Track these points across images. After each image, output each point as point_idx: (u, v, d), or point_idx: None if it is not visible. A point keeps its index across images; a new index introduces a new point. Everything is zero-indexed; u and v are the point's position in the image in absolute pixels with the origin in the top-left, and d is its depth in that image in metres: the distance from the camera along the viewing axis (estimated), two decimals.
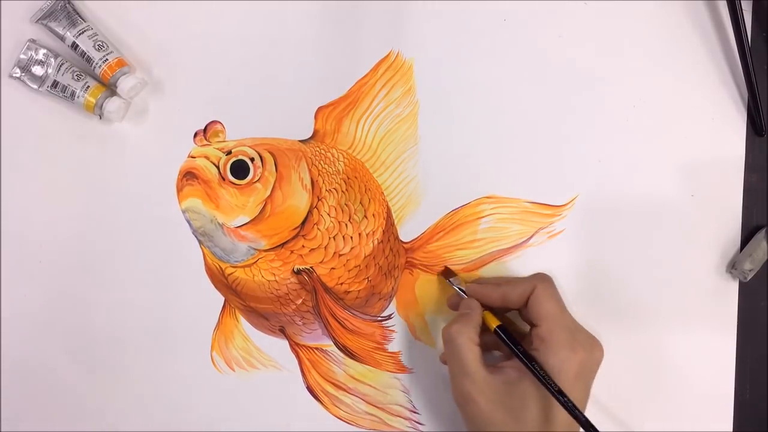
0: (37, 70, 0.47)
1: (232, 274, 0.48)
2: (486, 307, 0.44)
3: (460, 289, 0.46)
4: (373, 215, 0.49)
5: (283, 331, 0.49)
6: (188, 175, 0.48)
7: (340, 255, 0.48)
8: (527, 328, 0.44)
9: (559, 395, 0.39)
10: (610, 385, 0.48)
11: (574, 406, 0.39)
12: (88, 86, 0.47)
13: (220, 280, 0.49)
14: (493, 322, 0.43)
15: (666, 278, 0.48)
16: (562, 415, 0.39)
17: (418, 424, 0.49)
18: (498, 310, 0.45)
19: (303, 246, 0.48)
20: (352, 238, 0.48)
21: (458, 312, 0.45)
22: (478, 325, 0.43)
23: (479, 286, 0.45)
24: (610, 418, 0.48)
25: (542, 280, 0.43)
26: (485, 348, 0.43)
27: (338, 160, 0.49)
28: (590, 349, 0.41)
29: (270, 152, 0.48)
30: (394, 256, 0.49)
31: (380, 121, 0.49)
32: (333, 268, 0.48)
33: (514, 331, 0.44)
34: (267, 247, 0.48)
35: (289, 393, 0.49)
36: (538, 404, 0.40)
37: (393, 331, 0.49)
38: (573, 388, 0.40)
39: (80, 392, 0.49)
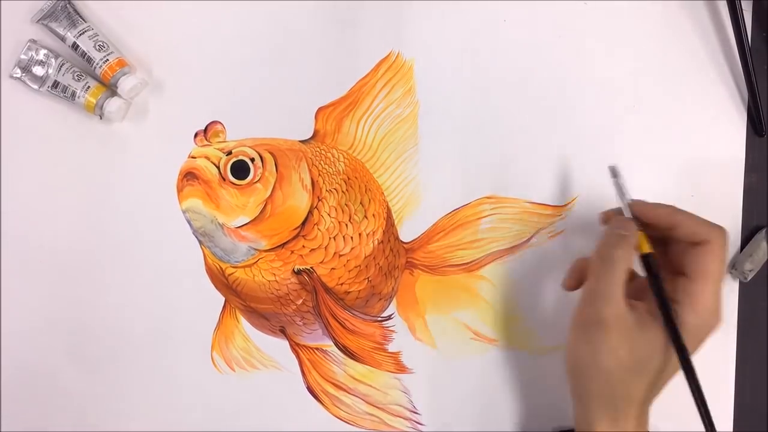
0: (38, 70, 0.47)
1: (232, 274, 0.48)
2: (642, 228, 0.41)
3: (624, 196, 0.43)
4: (374, 215, 0.49)
5: (283, 332, 0.49)
6: (189, 176, 0.48)
7: (340, 255, 0.48)
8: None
9: (686, 363, 0.38)
10: None
11: (696, 379, 0.38)
12: (89, 86, 0.47)
13: (220, 280, 0.49)
14: (646, 248, 0.41)
15: None
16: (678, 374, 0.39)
17: (418, 425, 0.49)
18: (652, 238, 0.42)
19: (303, 246, 0.48)
20: (352, 238, 0.48)
21: (613, 230, 0.41)
22: (633, 250, 0.40)
23: (650, 203, 0.42)
24: None
25: (720, 235, 0.40)
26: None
27: (338, 161, 0.49)
28: (718, 323, 0.40)
29: (270, 152, 0.48)
30: (395, 256, 0.49)
31: (380, 121, 0.49)
32: (333, 269, 0.48)
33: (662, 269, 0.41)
34: (267, 248, 0.48)
35: (289, 393, 0.49)
36: (662, 357, 0.39)
37: (393, 331, 0.49)
38: (693, 353, 0.39)
39: (80, 392, 0.49)
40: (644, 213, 0.42)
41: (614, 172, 0.44)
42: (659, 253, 0.41)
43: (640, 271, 0.41)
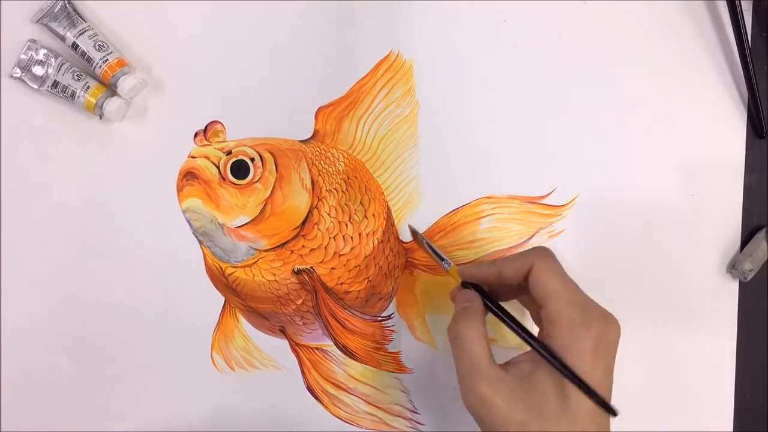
0: (38, 70, 0.47)
1: (232, 274, 0.48)
2: (485, 295, 0.40)
3: (434, 251, 0.43)
4: (373, 215, 0.49)
5: (283, 331, 0.49)
6: (188, 175, 0.48)
7: (340, 255, 0.48)
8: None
9: (572, 375, 0.35)
10: None
11: (586, 385, 0.35)
12: (89, 86, 0.47)
13: (220, 280, 0.49)
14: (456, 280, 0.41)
15: (666, 278, 0.48)
16: (584, 402, 0.35)
17: (418, 424, 0.49)
18: (501, 298, 0.41)
19: (303, 246, 0.48)
20: (352, 238, 0.48)
21: (457, 307, 0.40)
22: (482, 316, 0.39)
23: (472, 266, 0.41)
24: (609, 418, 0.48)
25: (540, 254, 0.39)
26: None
27: (338, 160, 0.49)
28: (604, 323, 0.37)
29: (270, 152, 0.48)
30: (395, 256, 0.49)
31: (380, 121, 0.49)
32: (333, 268, 0.48)
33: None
34: (267, 247, 0.48)
35: (289, 393, 0.49)
36: (557, 393, 0.36)
37: (393, 331, 0.49)
38: (592, 367, 0.35)
39: (80, 392, 0.49)
40: (472, 277, 0.41)
41: (413, 233, 0.44)
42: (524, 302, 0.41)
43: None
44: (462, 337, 0.38)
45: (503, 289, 0.41)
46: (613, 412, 0.35)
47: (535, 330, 0.39)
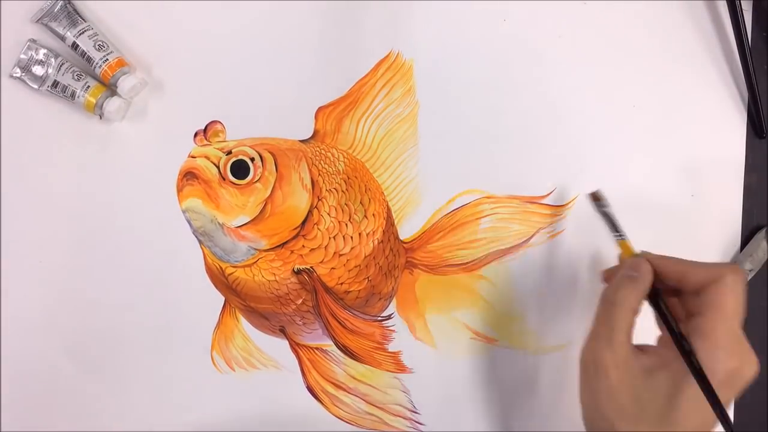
0: (38, 69, 0.47)
1: (232, 274, 0.48)
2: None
3: (613, 224, 0.42)
4: (373, 215, 0.49)
5: (283, 331, 0.49)
6: (188, 175, 0.48)
7: (340, 255, 0.48)
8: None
9: (711, 395, 0.35)
10: None
11: (723, 410, 0.35)
12: (89, 86, 0.47)
13: (220, 280, 0.49)
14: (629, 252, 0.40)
15: None
16: (686, 419, 0.36)
17: (418, 424, 0.49)
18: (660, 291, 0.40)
19: (303, 246, 0.48)
20: (352, 238, 0.48)
21: (622, 272, 0.39)
22: (645, 293, 0.38)
23: (658, 256, 0.40)
24: None
25: (734, 271, 0.38)
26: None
27: (338, 160, 0.49)
28: (748, 361, 0.37)
29: (270, 152, 0.48)
30: (395, 256, 0.49)
31: (380, 121, 0.49)
32: (333, 268, 0.48)
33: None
34: (267, 247, 0.48)
35: (289, 393, 0.49)
36: (666, 402, 0.36)
37: (393, 331, 0.49)
38: (717, 389, 0.35)
39: (80, 392, 0.49)
40: (652, 262, 0.40)
41: (598, 200, 0.43)
42: (673, 303, 0.40)
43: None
44: (615, 302, 0.37)
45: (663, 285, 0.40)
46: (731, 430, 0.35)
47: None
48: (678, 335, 0.37)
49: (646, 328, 0.40)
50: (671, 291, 0.40)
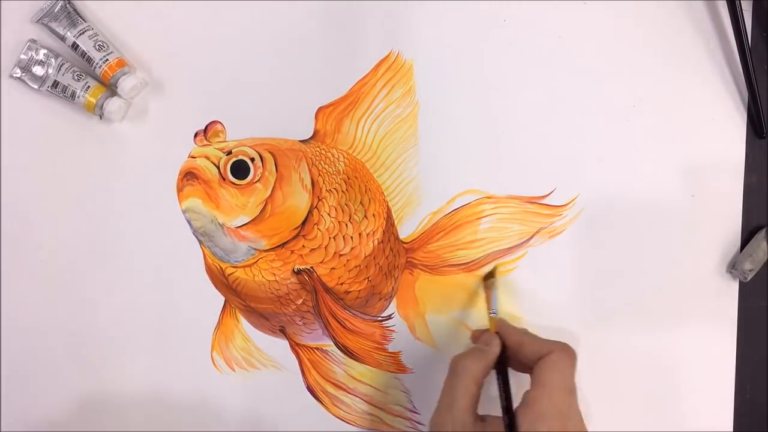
0: (38, 70, 0.47)
1: (232, 274, 0.48)
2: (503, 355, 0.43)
3: (491, 309, 0.46)
4: (374, 215, 0.49)
5: (283, 331, 0.49)
6: (188, 175, 0.48)
7: (340, 255, 0.48)
8: None
9: None
10: (610, 384, 0.48)
11: None
12: (89, 86, 0.47)
13: (220, 280, 0.49)
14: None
15: (666, 278, 0.48)
16: None
17: (418, 424, 0.49)
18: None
19: (303, 246, 0.48)
20: (352, 238, 0.48)
21: (475, 345, 0.43)
22: (488, 366, 0.41)
23: (507, 323, 0.44)
24: (610, 418, 0.48)
25: (562, 349, 0.40)
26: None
27: (338, 160, 0.49)
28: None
29: (270, 152, 0.48)
30: (395, 256, 0.49)
31: (380, 121, 0.49)
32: (333, 268, 0.48)
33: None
34: (267, 247, 0.48)
35: (289, 393, 0.49)
36: None
37: (393, 331, 0.49)
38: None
39: (80, 392, 0.49)
40: (502, 331, 0.43)
41: (488, 283, 0.47)
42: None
43: None
44: (457, 375, 0.40)
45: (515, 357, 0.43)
46: None
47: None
48: (503, 403, 0.40)
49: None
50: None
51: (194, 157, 0.48)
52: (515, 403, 0.40)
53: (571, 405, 0.39)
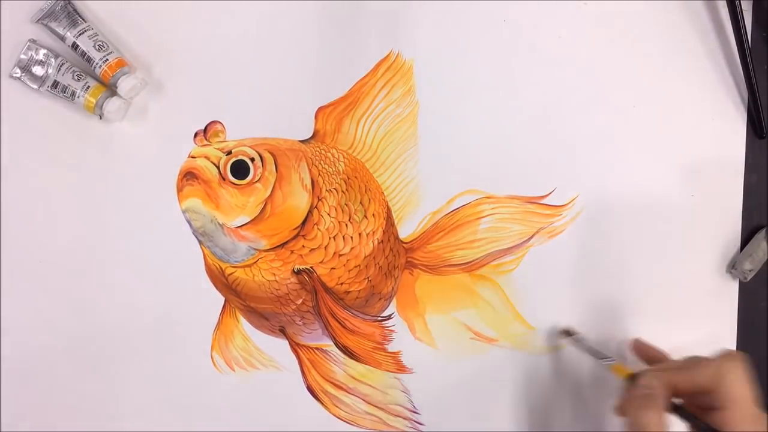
0: (38, 70, 0.47)
1: (232, 274, 0.48)
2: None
3: (598, 352, 0.44)
4: (373, 215, 0.49)
5: (283, 331, 0.49)
6: (188, 175, 0.48)
7: (340, 255, 0.48)
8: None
9: None
10: (610, 384, 0.48)
11: None
12: (89, 86, 0.47)
13: (220, 280, 0.49)
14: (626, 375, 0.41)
15: (666, 278, 0.48)
16: None
17: (418, 424, 0.49)
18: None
19: (303, 246, 0.48)
20: (352, 238, 0.48)
21: (638, 393, 0.40)
22: (664, 407, 0.39)
23: (662, 367, 0.41)
24: (610, 418, 0.48)
25: (732, 358, 0.39)
26: None
27: (338, 160, 0.49)
28: None
29: (270, 152, 0.48)
30: (395, 256, 0.49)
31: (380, 121, 0.49)
32: (333, 268, 0.48)
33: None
34: (267, 247, 0.48)
35: (289, 393, 0.49)
36: None
37: (393, 331, 0.49)
38: None
39: (80, 392, 0.49)
40: (661, 378, 0.40)
41: (571, 334, 0.46)
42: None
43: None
44: (643, 425, 0.38)
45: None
46: None
47: None
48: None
49: None
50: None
51: (194, 157, 0.48)
52: None
53: (757, 405, 0.38)
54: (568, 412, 0.49)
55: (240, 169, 0.47)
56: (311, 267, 0.48)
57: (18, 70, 0.47)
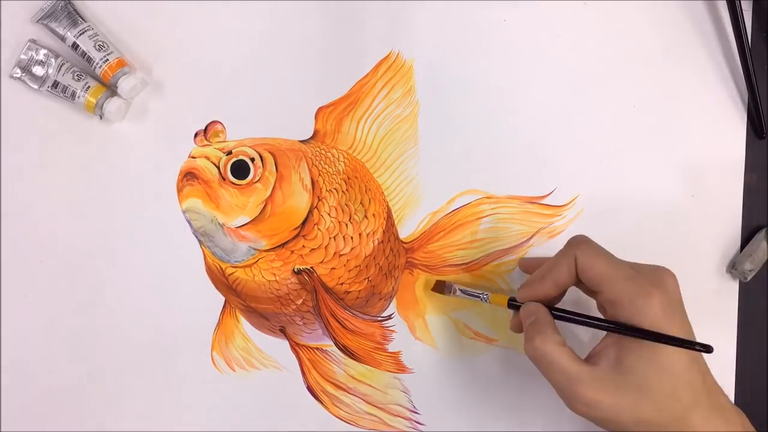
0: (38, 70, 0.47)
1: (232, 274, 0.48)
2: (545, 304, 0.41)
3: (467, 292, 0.46)
4: (374, 215, 0.49)
5: (283, 331, 0.49)
6: (188, 176, 0.48)
7: (340, 255, 0.48)
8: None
9: (658, 336, 0.36)
10: None
11: (673, 338, 0.36)
12: (89, 86, 0.47)
13: (220, 280, 0.49)
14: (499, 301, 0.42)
15: None
16: (677, 360, 0.36)
17: (418, 424, 0.49)
18: (553, 301, 0.42)
19: (303, 246, 0.48)
20: (352, 238, 0.48)
21: (526, 323, 0.40)
22: (553, 325, 0.39)
23: (527, 288, 0.41)
24: None
25: (577, 245, 0.40)
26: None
27: (338, 161, 0.49)
28: (662, 282, 0.38)
29: (270, 152, 0.48)
30: (395, 256, 0.49)
31: (380, 121, 0.49)
32: (333, 268, 0.48)
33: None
34: (267, 247, 0.48)
35: (289, 393, 0.49)
36: (650, 363, 0.36)
37: (393, 331, 0.49)
38: (669, 325, 0.36)
39: (80, 392, 0.49)
40: (532, 297, 0.41)
41: (440, 286, 0.47)
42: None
43: None
44: (544, 352, 0.38)
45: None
46: (707, 349, 0.36)
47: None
48: (602, 326, 0.38)
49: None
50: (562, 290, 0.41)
51: (194, 157, 0.48)
52: None
53: (626, 266, 0.39)
54: (569, 412, 0.49)
55: (240, 169, 0.48)
56: (311, 267, 0.48)
57: (18, 70, 0.47)
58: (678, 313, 0.38)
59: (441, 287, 0.47)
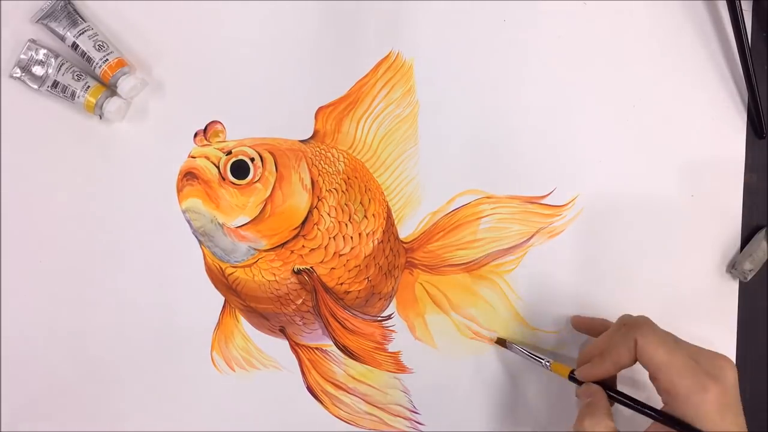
0: (38, 70, 0.47)
1: (232, 274, 0.48)
2: (606, 386, 0.42)
3: (530, 354, 0.46)
4: (373, 215, 0.49)
5: (283, 331, 0.49)
6: (188, 175, 0.48)
7: (340, 255, 0.48)
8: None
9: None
10: None
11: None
12: (89, 86, 0.47)
13: (220, 280, 0.49)
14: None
15: (666, 278, 0.48)
16: None
17: (418, 424, 0.49)
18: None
19: (303, 246, 0.48)
20: (352, 238, 0.48)
21: (582, 401, 0.42)
22: (608, 410, 0.40)
23: (588, 368, 0.42)
24: None
25: (638, 327, 0.40)
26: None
27: (338, 160, 0.49)
28: (720, 375, 0.38)
29: (270, 152, 0.48)
30: (394, 256, 0.49)
31: (380, 121, 0.49)
32: (333, 268, 0.48)
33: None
34: (267, 247, 0.48)
35: (289, 393, 0.49)
36: None
37: (393, 331, 0.49)
38: (722, 423, 0.37)
39: (80, 392, 0.49)
40: (591, 378, 0.42)
41: (504, 345, 0.48)
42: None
43: None
44: None
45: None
46: None
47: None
48: (656, 417, 0.39)
49: None
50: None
51: (194, 157, 0.48)
52: None
53: (685, 353, 0.39)
54: (569, 412, 0.49)
55: (240, 169, 0.48)
56: (311, 267, 0.48)
57: (18, 70, 0.47)
58: (732, 409, 0.38)
59: (503, 343, 0.48)
